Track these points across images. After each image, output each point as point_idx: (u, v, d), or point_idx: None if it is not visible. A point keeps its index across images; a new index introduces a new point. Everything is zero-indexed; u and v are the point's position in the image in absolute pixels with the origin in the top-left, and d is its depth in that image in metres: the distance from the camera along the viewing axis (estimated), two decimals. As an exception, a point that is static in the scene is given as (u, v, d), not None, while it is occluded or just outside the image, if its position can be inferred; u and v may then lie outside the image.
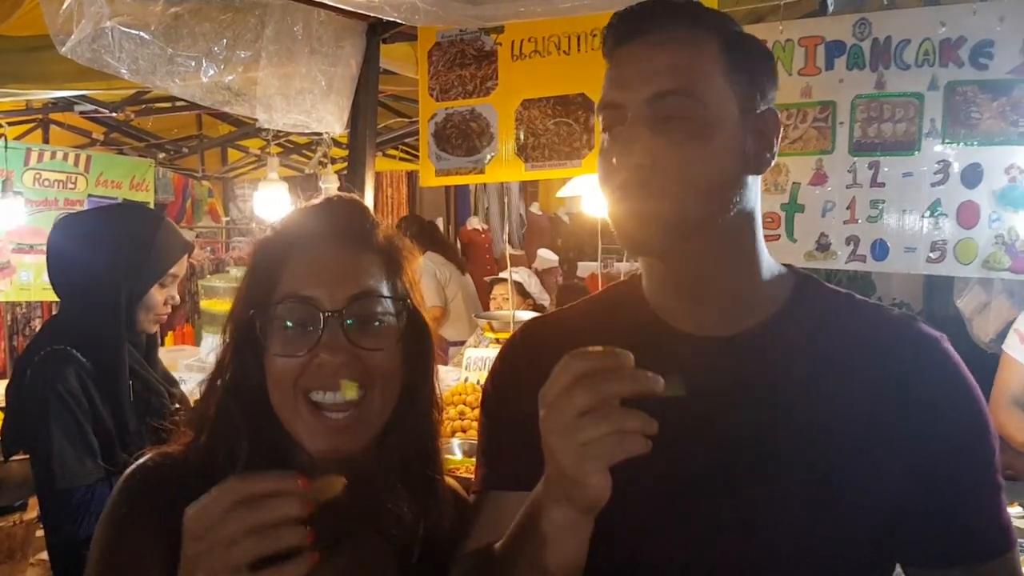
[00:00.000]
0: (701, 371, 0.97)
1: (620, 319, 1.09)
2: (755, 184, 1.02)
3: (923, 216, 2.22)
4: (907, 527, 0.99)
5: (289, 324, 0.99)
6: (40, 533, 3.63)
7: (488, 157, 2.79)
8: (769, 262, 1.06)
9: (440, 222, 8.74)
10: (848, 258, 2.30)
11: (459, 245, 8.65)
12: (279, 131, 3.31)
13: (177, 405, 2.03)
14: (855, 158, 2.29)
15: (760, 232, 1.05)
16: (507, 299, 5.05)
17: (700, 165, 0.95)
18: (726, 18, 1.03)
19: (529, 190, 9.67)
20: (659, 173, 0.95)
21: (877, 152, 2.26)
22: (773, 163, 1.02)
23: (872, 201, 2.27)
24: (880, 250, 2.27)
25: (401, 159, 6.20)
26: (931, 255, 2.22)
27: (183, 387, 2.25)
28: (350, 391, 0.97)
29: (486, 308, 5.37)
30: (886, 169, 2.25)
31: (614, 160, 0.96)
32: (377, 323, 1.00)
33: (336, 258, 1.01)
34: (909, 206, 2.24)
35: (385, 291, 1.02)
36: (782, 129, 2.33)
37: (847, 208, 2.30)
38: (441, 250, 5.72)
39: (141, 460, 1.05)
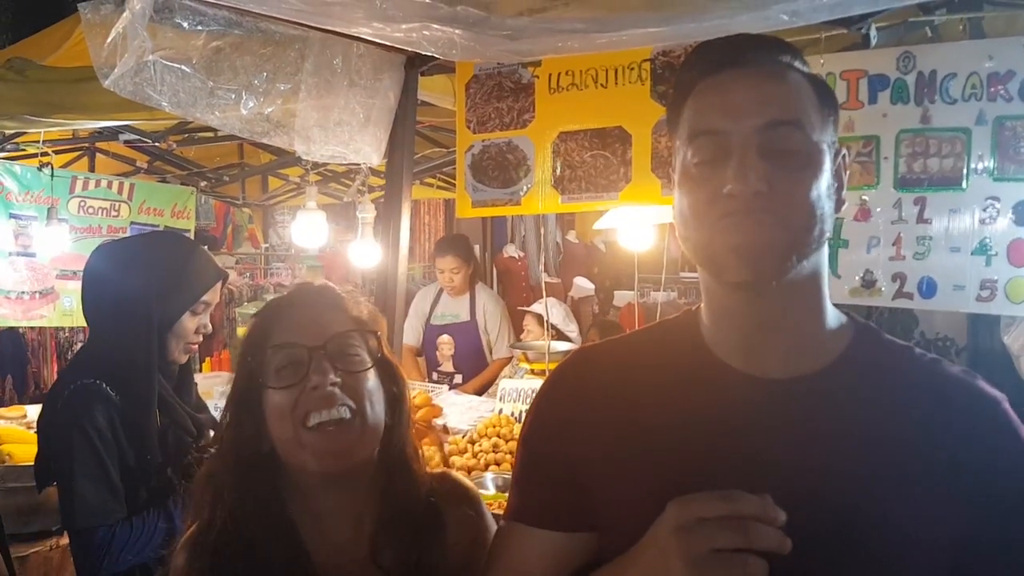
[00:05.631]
0: (758, 412, 0.98)
1: (674, 355, 1.07)
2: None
3: (972, 254, 2.16)
4: None
5: (282, 365, 1.17)
6: (76, 557, 3.67)
7: (524, 189, 2.78)
8: (831, 308, 1.05)
9: (477, 249, 8.75)
10: (894, 295, 2.23)
11: (495, 273, 8.64)
12: (315, 160, 3.33)
13: (197, 438, 2.01)
14: (900, 194, 2.23)
15: (827, 275, 1.04)
16: (533, 331, 5.02)
17: (811, 196, 0.95)
18: (800, 54, 1.04)
19: (566, 218, 9.67)
20: (776, 201, 0.93)
21: (923, 188, 2.20)
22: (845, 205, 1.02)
23: (919, 238, 2.21)
24: (928, 288, 2.21)
25: (439, 187, 6.22)
26: (981, 293, 2.15)
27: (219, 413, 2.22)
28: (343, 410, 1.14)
29: (518, 338, 5.30)
30: (933, 205, 2.19)
31: (728, 188, 0.94)
32: (355, 355, 1.19)
33: (312, 315, 1.22)
34: (957, 243, 2.17)
35: (356, 332, 1.21)
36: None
37: (893, 244, 2.24)
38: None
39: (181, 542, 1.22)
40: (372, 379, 1.20)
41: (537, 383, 4.06)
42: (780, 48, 1.02)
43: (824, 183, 0.96)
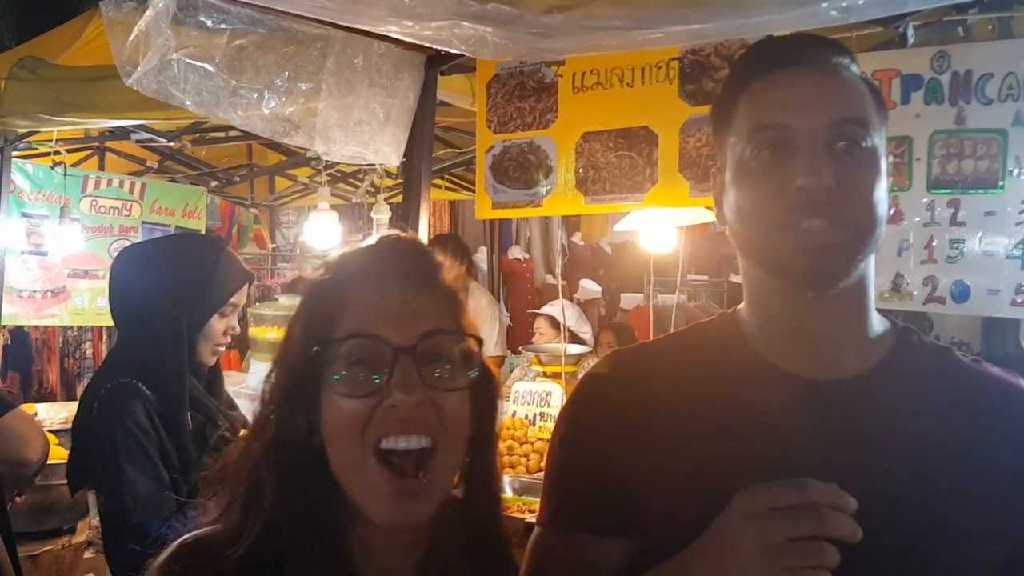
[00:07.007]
0: (806, 414, 0.97)
1: (717, 355, 1.06)
2: None
3: (1007, 257, 2.13)
4: None
5: (355, 364, 0.90)
6: (87, 555, 3.65)
7: (546, 190, 2.75)
8: (875, 310, 1.05)
9: (483, 251, 8.73)
10: (926, 299, 2.21)
11: (501, 275, 8.62)
12: (328, 160, 3.30)
13: (235, 434, 2.01)
14: (933, 196, 2.20)
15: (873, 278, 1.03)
16: (545, 333, 4.99)
17: (875, 196, 0.95)
18: (854, 57, 1.05)
19: (571, 220, 9.62)
20: (843, 198, 0.93)
21: (957, 190, 2.17)
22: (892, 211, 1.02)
23: (952, 241, 2.18)
24: (961, 292, 2.18)
25: (447, 188, 6.20)
26: (1016, 298, 2.12)
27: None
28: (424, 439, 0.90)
29: (526, 341, 5.27)
30: (967, 208, 2.17)
31: (799, 181, 0.93)
32: (450, 365, 0.93)
33: (403, 296, 0.94)
34: (992, 247, 2.14)
35: (456, 331, 0.96)
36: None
37: (924, 248, 2.21)
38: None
39: (175, 547, 0.95)
40: (467, 398, 0.94)
41: (550, 385, 4.04)
42: (837, 49, 1.02)
43: (883, 185, 0.97)
